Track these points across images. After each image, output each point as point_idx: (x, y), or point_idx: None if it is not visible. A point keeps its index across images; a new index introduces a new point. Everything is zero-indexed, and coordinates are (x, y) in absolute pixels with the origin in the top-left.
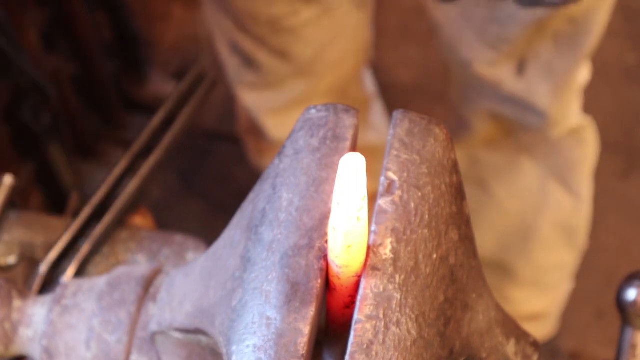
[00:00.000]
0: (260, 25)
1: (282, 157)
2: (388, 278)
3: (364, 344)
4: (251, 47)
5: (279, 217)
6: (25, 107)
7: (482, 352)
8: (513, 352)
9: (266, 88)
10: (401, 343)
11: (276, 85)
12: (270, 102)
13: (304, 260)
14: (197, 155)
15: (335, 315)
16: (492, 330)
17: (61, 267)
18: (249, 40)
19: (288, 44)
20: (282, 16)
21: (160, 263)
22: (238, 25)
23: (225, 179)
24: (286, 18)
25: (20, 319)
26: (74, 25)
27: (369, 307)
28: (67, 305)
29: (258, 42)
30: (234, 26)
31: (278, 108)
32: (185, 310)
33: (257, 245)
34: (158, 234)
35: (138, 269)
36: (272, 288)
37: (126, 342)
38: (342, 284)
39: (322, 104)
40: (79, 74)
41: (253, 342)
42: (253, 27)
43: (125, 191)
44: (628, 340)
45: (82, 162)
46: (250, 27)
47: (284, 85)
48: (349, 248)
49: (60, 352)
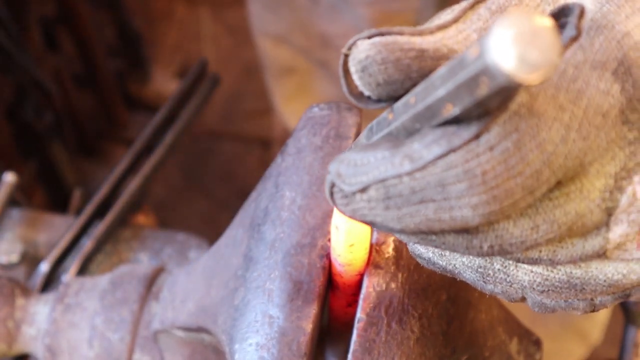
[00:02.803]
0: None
1: (284, 156)
2: (390, 276)
3: (367, 342)
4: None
5: (282, 215)
6: (27, 105)
7: (484, 350)
8: (516, 351)
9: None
10: (403, 341)
11: None
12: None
13: (306, 259)
14: (200, 153)
15: (337, 314)
16: (494, 329)
17: (64, 266)
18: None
19: None
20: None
21: (162, 261)
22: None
23: (227, 178)
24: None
25: (23, 317)
26: (76, 24)
27: (371, 305)
28: (69, 303)
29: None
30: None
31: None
32: (187, 308)
33: (260, 243)
34: (160, 233)
35: (140, 268)
36: (274, 286)
37: (129, 340)
38: (345, 282)
39: (325, 103)
40: (81, 72)
41: (256, 341)
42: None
43: (128, 190)
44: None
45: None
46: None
47: None
48: (352, 246)
49: (63, 350)
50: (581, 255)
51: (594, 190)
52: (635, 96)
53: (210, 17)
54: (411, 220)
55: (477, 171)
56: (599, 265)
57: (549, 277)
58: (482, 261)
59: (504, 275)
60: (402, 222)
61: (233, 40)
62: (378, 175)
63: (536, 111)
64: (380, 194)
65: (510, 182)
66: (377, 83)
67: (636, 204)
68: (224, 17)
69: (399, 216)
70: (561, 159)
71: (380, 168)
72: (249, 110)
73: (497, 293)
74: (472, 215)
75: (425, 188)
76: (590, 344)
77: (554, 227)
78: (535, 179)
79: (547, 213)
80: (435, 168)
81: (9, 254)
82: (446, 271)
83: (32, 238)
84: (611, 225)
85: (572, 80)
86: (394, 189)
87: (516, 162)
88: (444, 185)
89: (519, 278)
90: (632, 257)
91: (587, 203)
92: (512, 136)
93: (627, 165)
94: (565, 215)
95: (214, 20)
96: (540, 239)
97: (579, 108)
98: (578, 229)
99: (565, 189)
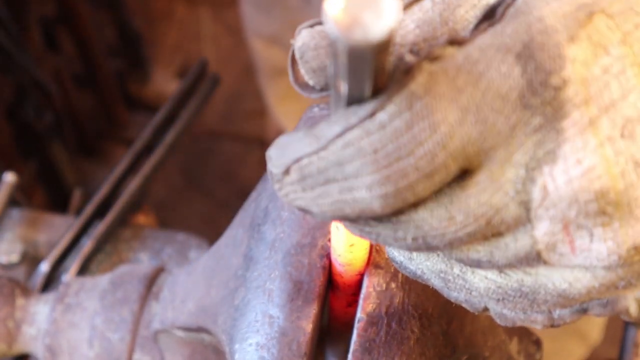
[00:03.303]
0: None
1: None
2: (391, 276)
3: (367, 342)
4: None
5: (282, 215)
6: (27, 105)
7: (484, 350)
8: (516, 351)
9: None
10: (404, 341)
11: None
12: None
13: (306, 259)
14: (200, 153)
15: (337, 314)
16: (494, 329)
17: (64, 266)
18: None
19: None
20: None
21: (162, 261)
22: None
23: (227, 178)
24: None
25: (23, 317)
26: (76, 24)
27: (371, 305)
28: (69, 303)
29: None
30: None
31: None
32: (187, 308)
33: (260, 243)
34: (160, 233)
35: (141, 268)
36: (274, 286)
37: (129, 340)
38: (345, 282)
39: (325, 103)
40: (81, 72)
41: (256, 341)
42: None
43: (128, 190)
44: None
45: (85, 160)
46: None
47: None
48: (352, 246)
49: (63, 350)
50: (516, 256)
51: (505, 182)
52: (537, 80)
53: (210, 17)
54: (324, 202)
55: (369, 149)
56: (546, 272)
57: (502, 284)
58: (443, 266)
59: (463, 282)
60: (318, 205)
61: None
62: (293, 155)
63: (434, 92)
64: (297, 175)
65: (402, 162)
66: (312, 69)
67: (549, 198)
68: (224, 17)
69: (313, 198)
70: (458, 141)
71: (296, 148)
72: (249, 110)
73: (461, 301)
74: (370, 197)
75: (328, 167)
76: (590, 344)
77: (470, 218)
78: (429, 161)
79: (461, 202)
80: (335, 146)
81: (9, 254)
82: (416, 276)
83: (32, 238)
84: (534, 223)
85: (474, 63)
86: (306, 169)
87: (407, 141)
88: (342, 164)
89: (476, 284)
90: (572, 264)
91: (501, 195)
92: (404, 115)
93: (537, 154)
94: (480, 207)
95: (214, 20)
96: (460, 232)
97: (478, 90)
98: (498, 224)
99: (475, 177)
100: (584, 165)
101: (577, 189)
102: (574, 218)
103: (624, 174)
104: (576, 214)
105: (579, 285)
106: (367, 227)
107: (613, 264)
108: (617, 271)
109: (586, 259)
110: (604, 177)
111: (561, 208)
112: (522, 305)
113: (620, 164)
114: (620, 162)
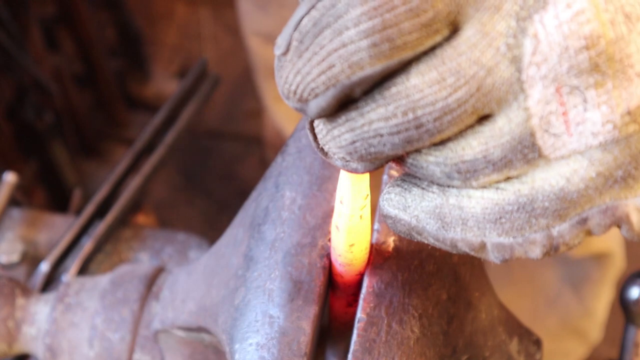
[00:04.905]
0: None
1: (284, 156)
2: (391, 276)
3: (367, 342)
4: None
5: (282, 215)
6: (28, 105)
7: (485, 350)
8: (516, 351)
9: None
10: (404, 341)
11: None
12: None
13: (306, 259)
14: (200, 153)
15: (338, 314)
16: (494, 329)
17: (64, 265)
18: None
19: None
20: None
21: (163, 261)
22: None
23: (228, 178)
24: None
25: (23, 317)
26: (76, 24)
27: (371, 305)
28: (70, 303)
29: None
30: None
31: None
32: (188, 308)
33: (260, 243)
34: (161, 232)
35: (141, 268)
36: (275, 286)
37: (129, 340)
38: (345, 282)
39: None
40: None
41: (256, 341)
42: None
43: (128, 189)
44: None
45: (85, 160)
46: None
47: None
48: (352, 247)
49: (63, 350)
50: (511, 142)
51: (497, 36)
52: None
53: (210, 17)
54: (317, 61)
55: None
56: (541, 174)
57: (498, 200)
58: (439, 200)
59: (459, 212)
60: (312, 71)
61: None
62: (292, 23)
63: None
64: (296, 41)
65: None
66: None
67: (540, 48)
68: (224, 17)
69: (309, 58)
70: None
71: (293, 18)
72: (249, 110)
73: (457, 241)
74: (357, 33)
75: (323, 14)
76: (590, 344)
77: (461, 80)
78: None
79: (452, 61)
80: None
81: (9, 254)
82: (411, 229)
83: (32, 238)
84: (527, 90)
85: None
86: (304, 28)
87: None
88: (334, 5)
89: (473, 209)
90: (567, 149)
91: (492, 52)
92: None
93: (527, 1)
94: (471, 65)
95: (214, 20)
96: (451, 97)
97: None
98: (489, 89)
99: (466, 31)
100: (573, 8)
101: (567, 33)
102: (566, 75)
103: (613, 23)
104: (567, 70)
105: (577, 178)
106: (360, 118)
107: (609, 137)
108: (614, 152)
109: (581, 137)
110: (593, 21)
111: (552, 62)
112: (519, 222)
113: (610, 12)
114: (609, 10)
